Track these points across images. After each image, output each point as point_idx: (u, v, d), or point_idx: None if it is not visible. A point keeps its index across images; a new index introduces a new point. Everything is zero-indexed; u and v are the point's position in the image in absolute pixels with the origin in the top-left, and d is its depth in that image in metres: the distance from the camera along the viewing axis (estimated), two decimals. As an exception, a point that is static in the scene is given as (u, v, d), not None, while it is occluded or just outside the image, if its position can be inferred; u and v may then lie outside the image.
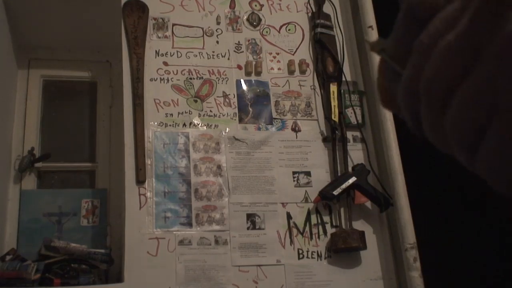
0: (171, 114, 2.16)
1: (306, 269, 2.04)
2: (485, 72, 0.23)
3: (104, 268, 2.06)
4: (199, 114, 2.19)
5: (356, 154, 2.26)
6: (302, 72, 2.36)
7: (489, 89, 0.23)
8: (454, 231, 2.29)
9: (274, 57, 2.37)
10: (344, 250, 2.04)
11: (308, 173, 2.18)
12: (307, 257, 2.06)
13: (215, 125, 2.19)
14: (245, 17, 2.43)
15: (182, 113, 2.18)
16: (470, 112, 0.23)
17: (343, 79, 2.34)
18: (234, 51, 2.35)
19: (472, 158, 0.25)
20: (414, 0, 0.27)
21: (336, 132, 2.22)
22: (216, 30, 2.37)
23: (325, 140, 2.24)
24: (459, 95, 0.24)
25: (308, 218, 2.12)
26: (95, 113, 2.67)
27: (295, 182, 2.16)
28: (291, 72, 2.35)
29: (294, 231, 2.09)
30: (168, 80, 2.22)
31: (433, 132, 0.26)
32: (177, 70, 2.25)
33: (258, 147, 2.18)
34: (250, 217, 2.07)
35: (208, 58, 2.31)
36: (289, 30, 2.45)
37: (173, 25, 2.33)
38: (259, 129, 2.22)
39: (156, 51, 2.26)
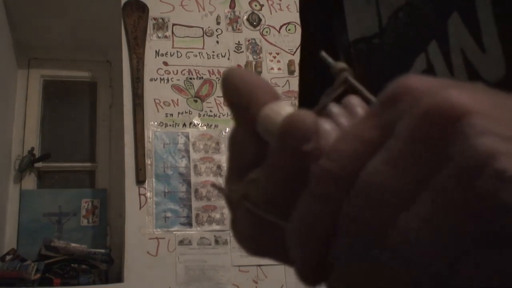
0: (171, 114, 2.16)
1: (306, 269, 2.04)
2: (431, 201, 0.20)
3: (104, 268, 2.06)
4: (199, 114, 2.20)
5: (356, 154, 2.26)
6: (302, 72, 2.36)
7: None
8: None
9: (274, 57, 2.37)
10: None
11: (308, 173, 2.18)
12: (307, 257, 2.06)
13: (215, 125, 2.19)
14: (245, 17, 2.43)
15: (182, 113, 2.18)
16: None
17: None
18: (234, 51, 2.35)
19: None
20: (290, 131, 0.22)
21: (336, 132, 2.22)
22: (216, 30, 2.37)
23: (325, 140, 2.24)
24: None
25: (308, 218, 2.12)
26: (95, 113, 2.67)
27: (295, 182, 2.16)
28: (291, 72, 2.35)
29: (294, 231, 2.09)
30: (168, 80, 2.22)
31: (356, 272, 0.22)
32: (177, 70, 2.25)
33: (258, 147, 2.18)
34: (250, 217, 2.07)
35: (208, 58, 2.31)
36: (289, 30, 2.45)
37: (173, 25, 2.33)
38: (259, 129, 2.22)
39: (156, 51, 2.26)
